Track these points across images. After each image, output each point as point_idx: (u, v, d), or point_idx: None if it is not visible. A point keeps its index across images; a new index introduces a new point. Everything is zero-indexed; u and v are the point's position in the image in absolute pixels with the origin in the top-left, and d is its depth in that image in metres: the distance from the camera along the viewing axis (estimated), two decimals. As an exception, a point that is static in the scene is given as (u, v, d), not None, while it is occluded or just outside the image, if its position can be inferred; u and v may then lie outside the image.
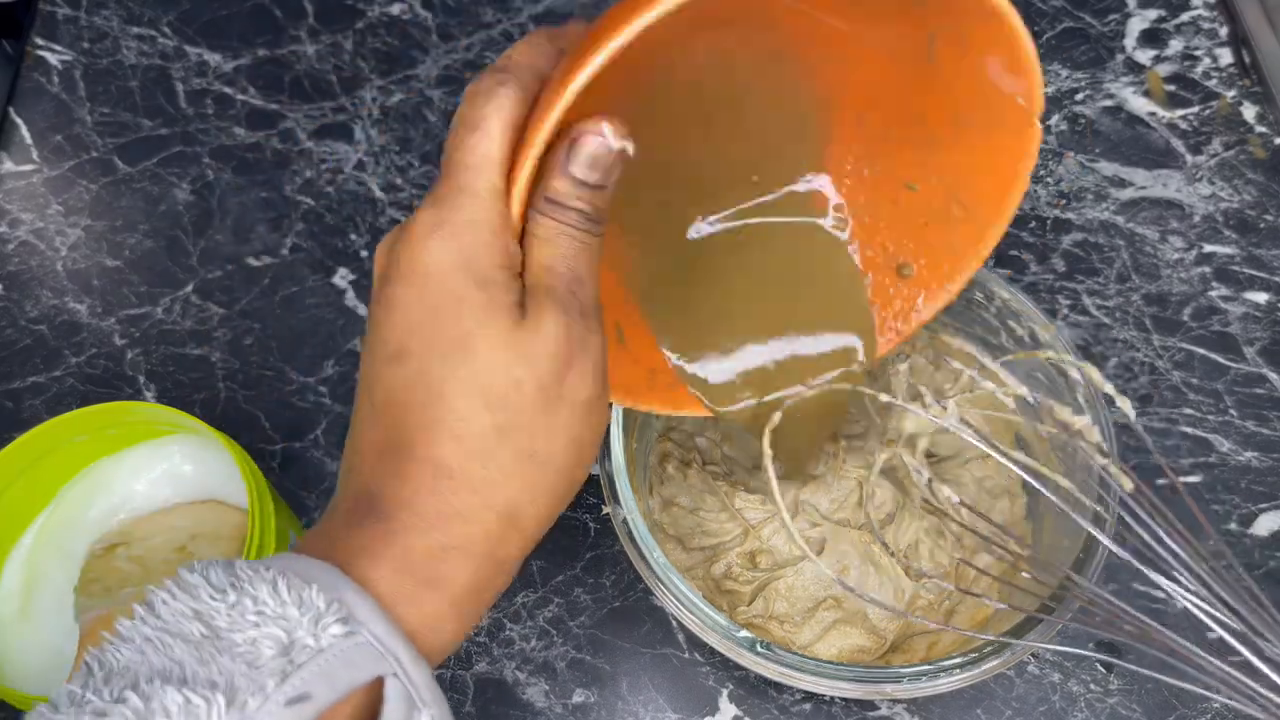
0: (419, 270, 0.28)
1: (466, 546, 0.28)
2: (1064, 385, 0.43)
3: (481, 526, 0.28)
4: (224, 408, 0.55)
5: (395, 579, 0.27)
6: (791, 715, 0.47)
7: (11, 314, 0.58)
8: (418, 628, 0.27)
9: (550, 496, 0.29)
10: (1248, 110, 0.61)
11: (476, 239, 0.28)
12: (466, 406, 0.28)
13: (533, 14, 0.67)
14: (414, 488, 0.28)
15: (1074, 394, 0.42)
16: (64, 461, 0.46)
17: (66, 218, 0.61)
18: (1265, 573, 0.49)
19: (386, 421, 0.29)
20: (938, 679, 0.38)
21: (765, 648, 0.38)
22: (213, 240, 0.60)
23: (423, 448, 0.28)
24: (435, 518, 0.28)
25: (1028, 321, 0.44)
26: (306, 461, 0.53)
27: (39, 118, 0.64)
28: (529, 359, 0.28)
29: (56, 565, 0.45)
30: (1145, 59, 0.64)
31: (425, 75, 0.65)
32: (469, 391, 0.28)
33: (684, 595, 0.39)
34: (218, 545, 0.44)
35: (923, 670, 0.38)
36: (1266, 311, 0.56)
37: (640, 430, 0.47)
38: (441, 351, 0.28)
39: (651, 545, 0.40)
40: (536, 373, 0.28)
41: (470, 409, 0.28)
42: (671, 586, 0.39)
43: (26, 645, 0.44)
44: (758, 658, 0.38)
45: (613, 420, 0.42)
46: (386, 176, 0.61)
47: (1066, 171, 0.60)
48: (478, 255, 0.28)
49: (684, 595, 0.39)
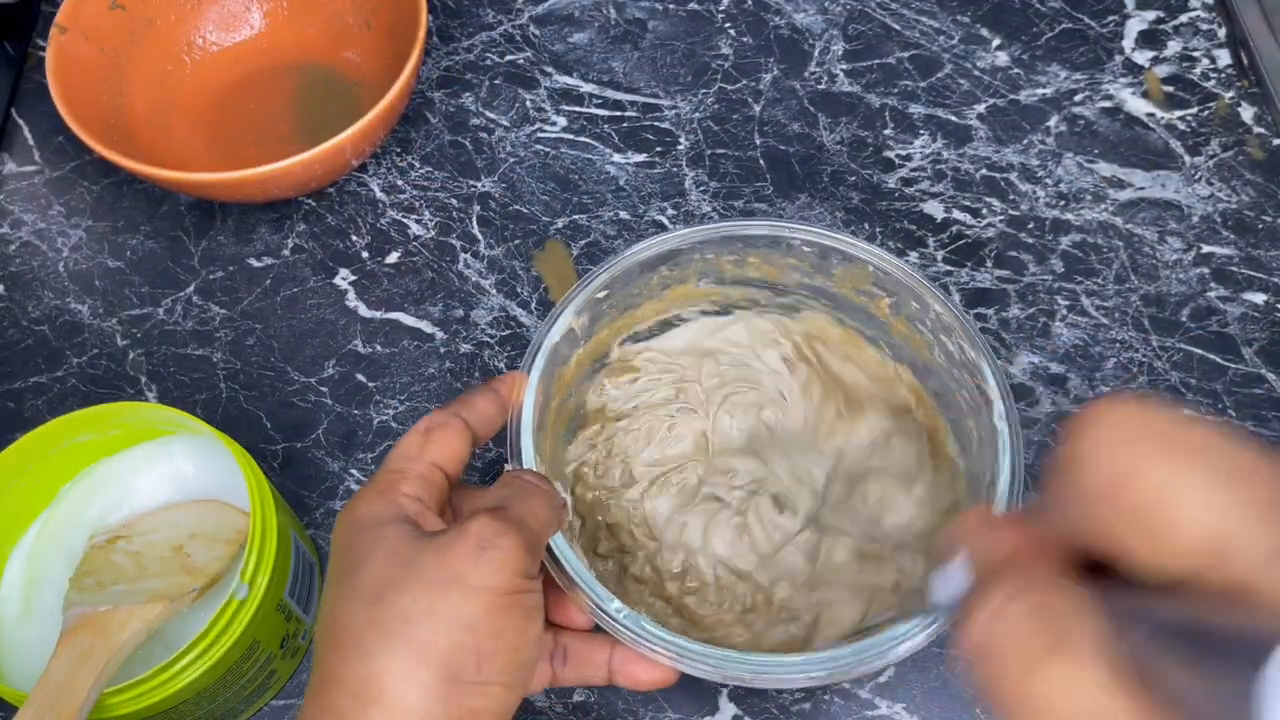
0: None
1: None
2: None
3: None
4: (225, 408, 0.55)
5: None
6: (791, 715, 0.47)
7: (14, 314, 0.58)
8: None
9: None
10: (1246, 111, 0.62)
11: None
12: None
13: (533, 14, 0.67)
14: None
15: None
16: (65, 461, 0.46)
17: (68, 219, 0.61)
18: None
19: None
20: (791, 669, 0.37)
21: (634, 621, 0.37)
22: (214, 241, 0.60)
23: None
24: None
25: (958, 338, 0.43)
26: (307, 461, 0.53)
27: (41, 119, 0.64)
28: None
29: (58, 565, 0.45)
30: (1144, 60, 0.64)
31: (426, 76, 0.65)
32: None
33: (562, 552, 0.38)
34: (216, 546, 0.44)
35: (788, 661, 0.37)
36: (1265, 312, 0.56)
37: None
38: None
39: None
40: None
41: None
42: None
43: (27, 645, 0.44)
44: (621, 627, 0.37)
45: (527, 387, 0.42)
46: (387, 178, 0.61)
47: (1065, 172, 0.60)
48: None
49: (562, 552, 0.38)
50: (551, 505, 0.37)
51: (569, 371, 0.46)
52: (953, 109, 0.63)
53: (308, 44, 0.65)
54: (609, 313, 0.47)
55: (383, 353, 0.56)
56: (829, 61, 0.65)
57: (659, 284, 0.47)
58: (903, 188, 0.60)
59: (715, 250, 0.46)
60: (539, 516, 0.36)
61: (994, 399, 0.41)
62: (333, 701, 0.31)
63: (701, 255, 0.47)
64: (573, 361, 0.46)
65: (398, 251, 0.59)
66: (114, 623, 0.40)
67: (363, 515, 0.35)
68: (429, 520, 0.35)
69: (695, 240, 0.46)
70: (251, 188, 0.54)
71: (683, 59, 0.65)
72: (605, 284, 0.45)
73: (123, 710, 0.39)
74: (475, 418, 0.39)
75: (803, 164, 0.61)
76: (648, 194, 0.60)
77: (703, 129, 0.63)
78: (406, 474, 0.36)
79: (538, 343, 0.43)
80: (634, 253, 0.45)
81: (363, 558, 0.34)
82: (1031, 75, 0.64)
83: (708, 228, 0.46)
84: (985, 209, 0.59)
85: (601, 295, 0.45)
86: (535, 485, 0.37)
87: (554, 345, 0.43)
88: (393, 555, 0.33)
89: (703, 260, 0.47)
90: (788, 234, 0.45)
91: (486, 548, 0.33)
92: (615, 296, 0.46)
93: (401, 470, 0.36)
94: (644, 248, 0.45)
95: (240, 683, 0.43)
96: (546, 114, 0.64)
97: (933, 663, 0.48)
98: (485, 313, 0.57)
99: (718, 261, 0.47)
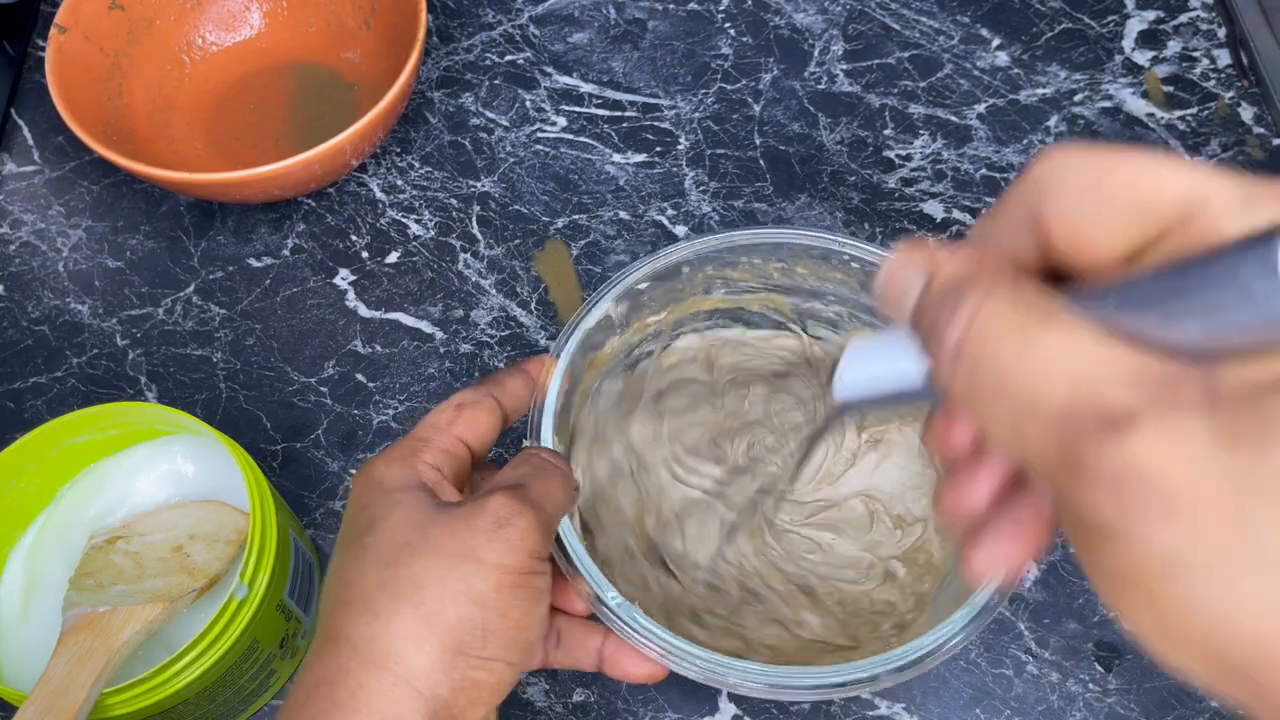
0: None
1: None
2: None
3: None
4: (225, 408, 0.55)
5: None
6: (791, 714, 0.47)
7: (13, 314, 0.58)
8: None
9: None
10: (1246, 111, 0.62)
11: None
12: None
13: (533, 14, 0.67)
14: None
15: None
16: (65, 462, 0.46)
17: (68, 219, 0.61)
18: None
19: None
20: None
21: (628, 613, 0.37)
22: (214, 241, 0.60)
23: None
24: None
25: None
26: (307, 461, 0.53)
27: (41, 119, 0.64)
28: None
29: (57, 565, 0.45)
30: (1144, 60, 0.64)
31: (426, 76, 0.65)
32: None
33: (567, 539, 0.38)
34: (216, 546, 0.44)
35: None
36: (1265, 312, 0.56)
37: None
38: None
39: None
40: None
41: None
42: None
43: (27, 645, 0.44)
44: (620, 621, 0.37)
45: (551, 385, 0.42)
46: (387, 178, 0.61)
47: (1065, 172, 0.60)
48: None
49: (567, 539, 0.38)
50: (567, 487, 0.37)
51: (603, 357, 0.47)
52: (953, 109, 0.63)
53: (307, 44, 0.65)
54: (649, 304, 0.47)
55: (382, 353, 0.56)
56: (829, 61, 0.65)
57: (703, 283, 0.48)
58: (903, 188, 0.60)
59: (763, 256, 0.47)
60: (555, 498, 0.36)
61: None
62: (341, 663, 0.31)
63: (749, 259, 0.47)
64: (607, 348, 0.47)
65: (397, 251, 0.59)
66: (114, 623, 0.40)
67: (381, 477, 0.35)
68: (446, 491, 0.35)
69: (744, 243, 0.46)
70: (251, 188, 0.54)
71: (682, 59, 0.65)
72: (647, 275, 0.45)
73: (122, 710, 0.39)
74: (507, 398, 0.39)
75: (803, 164, 0.61)
76: (648, 194, 0.60)
77: (703, 129, 0.63)
78: (431, 443, 0.36)
79: (572, 326, 0.44)
80: (677, 249, 0.46)
81: (377, 519, 0.33)
82: (1031, 75, 0.64)
83: (766, 231, 0.46)
84: (985, 209, 0.59)
85: (643, 286, 0.46)
86: (553, 465, 0.37)
87: (588, 330, 0.44)
88: (408, 520, 0.33)
89: (749, 264, 0.47)
90: (837, 247, 0.45)
91: (503, 525, 0.32)
92: (657, 289, 0.46)
93: (426, 439, 0.36)
94: (684, 247, 0.46)
95: (240, 683, 0.43)
96: (546, 114, 0.64)
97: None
98: (485, 313, 0.57)
99: (765, 267, 0.47)
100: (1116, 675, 0.47)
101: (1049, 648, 0.48)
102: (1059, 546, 0.50)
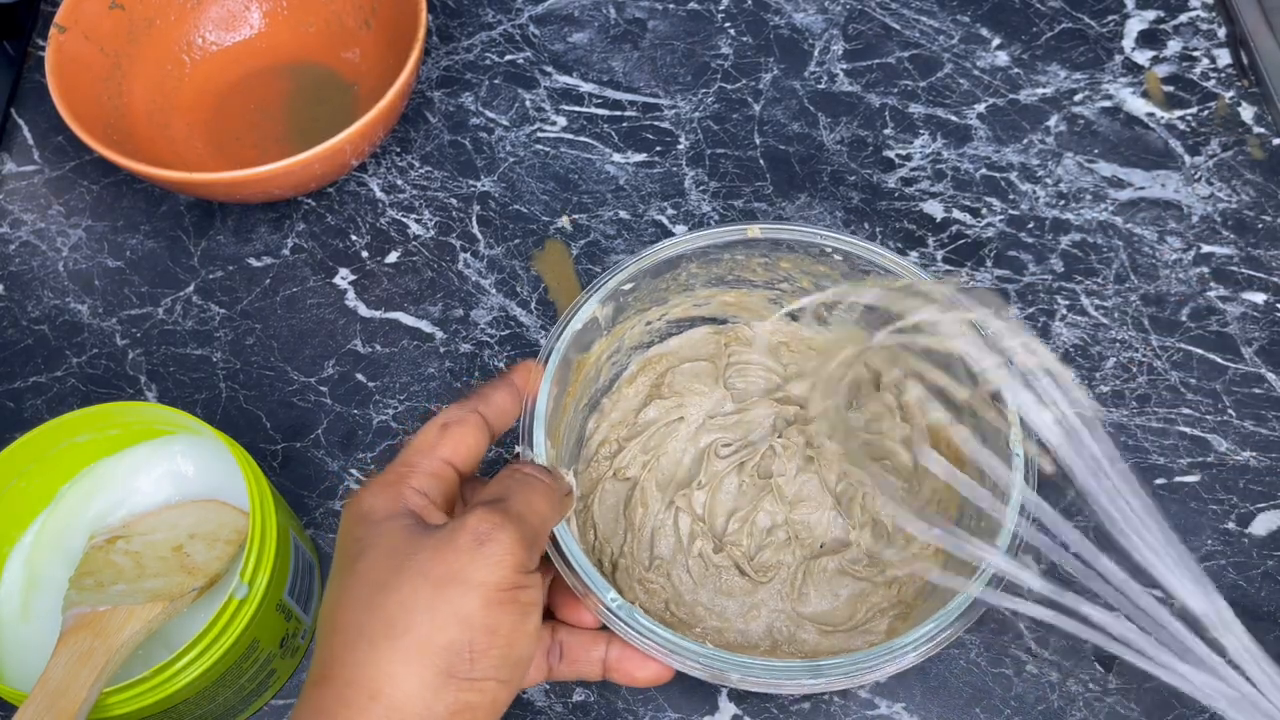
0: None
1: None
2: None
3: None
4: (225, 408, 0.55)
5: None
6: (790, 714, 0.47)
7: (13, 314, 0.58)
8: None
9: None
10: (1246, 111, 0.62)
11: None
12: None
13: (533, 14, 0.67)
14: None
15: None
16: (65, 461, 0.46)
17: (68, 218, 0.61)
18: (1263, 573, 0.49)
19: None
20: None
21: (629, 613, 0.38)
22: (214, 241, 0.60)
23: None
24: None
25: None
26: (307, 461, 0.53)
27: (41, 118, 0.64)
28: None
29: (57, 565, 0.45)
30: (1144, 60, 0.64)
31: (426, 76, 0.65)
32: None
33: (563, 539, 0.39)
34: (215, 546, 0.44)
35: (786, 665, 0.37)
36: (1265, 312, 0.56)
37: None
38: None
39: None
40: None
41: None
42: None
43: (26, 645, 0.44)
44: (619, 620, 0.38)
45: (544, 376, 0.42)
46: (387, 177, 0.61)
47: (1065, 172, 0.60)
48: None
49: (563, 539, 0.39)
50: (551, 498, 0.37)
51: (589, 360, 0.47)
52: (953, 109, 0.63)
53: (307, 44, 0.65)
54: (634, 304, 0.47)
55: (382, 352, 0.56)
56: (829, 61, 0.65)
57: (686, 280, 0.48)
58: (903, 187, 0.60)
59: (745, 252, 0.47)
60: (538, 510, 0.36)
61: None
62: (337, 692, 0.31)
63: (732, 256, 0.47)
64: (594, 349, 0.47)
65: (397, 251, 0.59)
66: (114, 623, 0.40)
67: (370, 508, 0.35)
68: (433, 515, 0.35)
69: (726, 241, 0.46)
70: (251, 188, 0.54)
71: (682, 59, 0.65)
72: (632, 276, 0.45)
73: (122, 710, 0.39)
74: (493, 413, 0.39)
75: (803, 164, 0.61)
76: (647, 194, 0.60)
77: (702, 129, 0.63)
78: (416, 469, 0.36)
79: (559, 330, 0.44)
80: (663, 248, 0.46)
81: (365, 550, 0.34)
82: (1031, 75, 0.64)
83: (741, 227, 0.46)
84: (985, 209, 0.59)
85: (628, 287, 0.45)
86: (535, 478, 0.37)
87: (575, 333, 0.44)
88: (393, 549, 0.33)
89: (732, 260, 0.47)
90: (820, 240, 0.45)
91: (484, 542, 0.33)
92: (642, 289, 0.46)
93: (412, 464, 0.36)
94: (671, 244, 0.46)
95: (240, 682, 0.43)
96: (546, 114, 0.64)
97: (933, 663, 0.48)
98: (485, 312, 0.57)
99: (749, 263, 0.47)
100: (1116, 675, 0.47)
101: (1049, 648, 0.48)
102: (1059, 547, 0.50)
